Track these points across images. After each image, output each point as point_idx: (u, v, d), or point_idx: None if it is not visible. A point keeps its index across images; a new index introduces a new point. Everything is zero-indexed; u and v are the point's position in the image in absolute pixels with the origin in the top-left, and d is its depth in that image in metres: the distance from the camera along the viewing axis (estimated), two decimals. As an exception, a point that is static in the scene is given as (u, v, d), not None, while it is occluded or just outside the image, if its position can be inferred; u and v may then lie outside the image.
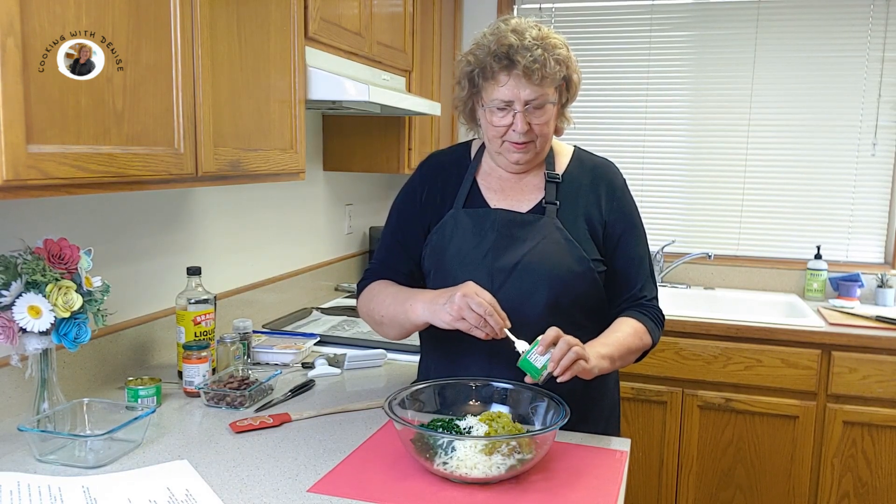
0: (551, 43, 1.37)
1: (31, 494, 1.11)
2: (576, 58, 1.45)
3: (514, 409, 1.34)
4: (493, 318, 1.27)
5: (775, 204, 3.07)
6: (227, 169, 1.51)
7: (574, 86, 1.46)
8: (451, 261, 1.45)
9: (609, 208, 1.47)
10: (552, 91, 1.39)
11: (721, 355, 2.51)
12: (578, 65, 1.46)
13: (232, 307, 2.13)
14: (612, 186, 1.50)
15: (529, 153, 1.43)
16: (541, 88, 1.36)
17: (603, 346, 1.35)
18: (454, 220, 1.48)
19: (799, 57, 2.97)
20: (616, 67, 3.18)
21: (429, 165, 1.58)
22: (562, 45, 1.39)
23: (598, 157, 1.57)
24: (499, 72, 1.36)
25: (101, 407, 1.40)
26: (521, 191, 1.48)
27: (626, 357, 1.42)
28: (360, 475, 1.21)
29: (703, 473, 2.59)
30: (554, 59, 1.35)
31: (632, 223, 1.50)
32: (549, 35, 1.39)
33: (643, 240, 1.52)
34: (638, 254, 1.50)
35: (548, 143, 1.47)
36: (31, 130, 1.04)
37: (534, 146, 1.43)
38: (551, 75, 1.36)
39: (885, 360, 2.39)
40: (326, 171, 2.74)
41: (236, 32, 1.53)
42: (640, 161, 3.20)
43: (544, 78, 1.35)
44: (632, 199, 1.53)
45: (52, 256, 1.29)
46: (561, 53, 1.37)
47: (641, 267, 1.50)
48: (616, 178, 1.52)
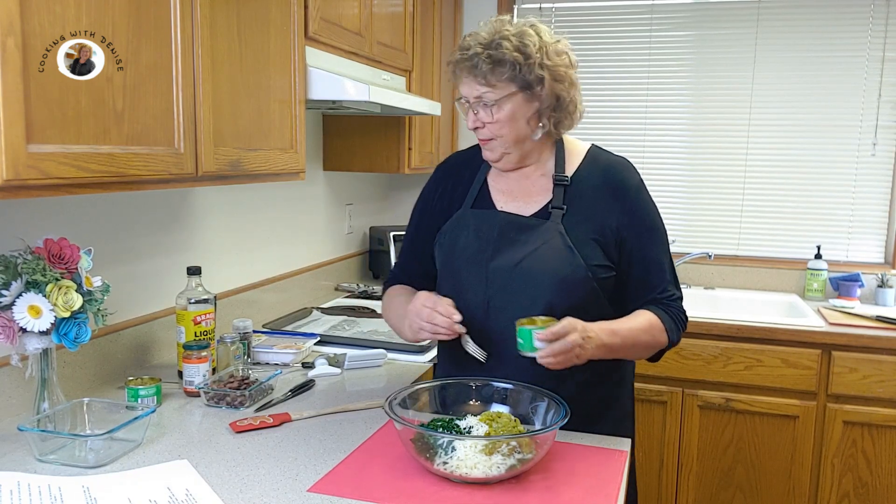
0: (508, 43, 1.34)
1: (31, 494, 1.11)
2: (567, 62, 1.38)
3: (514, 409, 1.34)
4: (439, 319, 1.32)
5: (775, 204, 3.07)
6: (228, 169, 1.51)
7: (549, 88, 1.37)
8: (456, 261, 1.46)
9: (622, 210, 1.42)
10: (508, 89, 1.36)
11: (721, 355, 2.51)
12: (571, 70, 1.39)
13: (232, 307, 2.13)
14: (624, 187, 1.44)
15: (495, 152, 1.44)
16: (487, 86, 1.36)
17: (609, 335, 1.33)
18: (461, 220, 1.49)
19: (799, 57, 2.97)
20: (616, 67, 3.18)
21: (444, 167, 1.61)
22: (524, 45, 1.34)
23: (613, 157, 1.51)
24: (456, 70, 1.41)
25: (101, 407, 1.40)
26: (528, 192, 1.47)
27: (632, 351, 1.40)
28: (360, 475, 1.21)
29: (703, 473, 2.59)
30: (499, 57, 1.33)
31: (648, 225, 1.44)
32: (510, 34, 1.35)
33: (662, 241, 1.46)
34: (656, 257, 1.44)
35: (518, 144, 1.42)
36: (31, 130, 1.04)
37: (498, 145, 1.42)
38: (498, 72, 1.35)
39: (885, 360, 2.39)
40: (326, 171, 2.74)
41: (236, 32, 1.53)
42: (641, 161, 3.20)
43: (489, 74, 1.35)
44: (648, 199, 1.46)
45: (52, 256, 1.29)
46: (512, 55, 1.33)
47: (661, 270, 1.45)
48: (630, 178, 1.46)
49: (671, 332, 1.42)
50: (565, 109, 1.42)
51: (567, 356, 1.25)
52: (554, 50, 1.37)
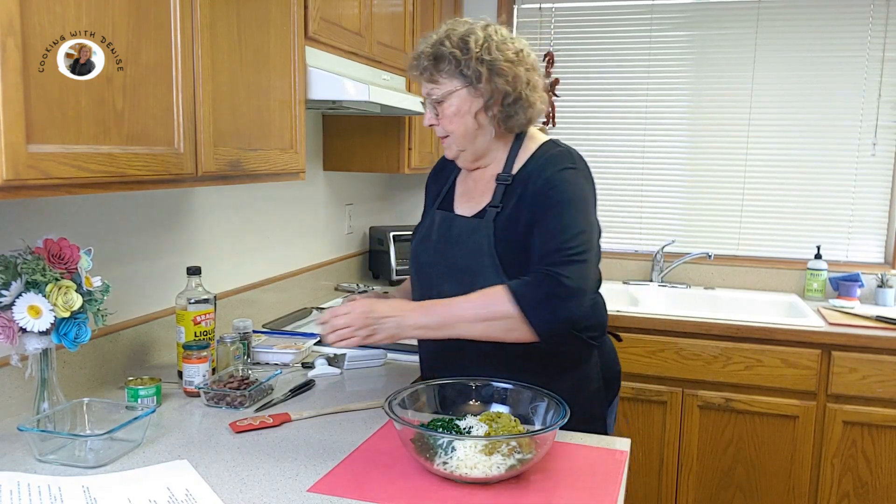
0: (449, 41, 1.39)
1: (31, 494, 1.11)
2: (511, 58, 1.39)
3: (514, 409, 1.34)
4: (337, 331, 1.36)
5: (775, 204, 3.07)
6: (227, 169, 1.51)
7: (491, 82, 1.38)
8: (412, 260, 1.58)
9: (534, 198, 1.38)
10: (452, 84, 1.41)
11: (721, 355, 2.51)
12: (519, 67, 1.40)
13: (232, 307, 2.13)
14: (545, 175, 1.39)
15: (451, 150, 1.49)
16: (432, 82, 1.43)
17: (424, 315, 1.34)
18: (423, 221, 1.59)
19: (799, 57, 2.97)
20: (616, 67, 3.18)
21: (434, 169, 1.69)
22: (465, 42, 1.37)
23: (556, 149, 1.45)
24: (409, 72, 1.49)
25: (101, 407, 1.40)
26: (479, 192, 1.50)
27: (468, 326, 1.32)
28: (360, 475, 1.21)
29: (703, 473, 2.59)
30: (439, 54, 1.39)
31: (552, 202, 1.36)
32: (455, 33, 1.39)
33: (566, 214, 1.35)
34: (550, 227, 1.35)
35: (468, 140, 1.45)
36: (31, 130, 1.04)
37: (452, 141, 1.47)
38: (440, 68, 1.40)
39: (885, 360, 2.39)
40: (326, 171, 2.74)
41: (236, 32, 1.53)
42: (641, 161, 3.20)
43: (433, 71, 1.42)
44: (567, 178, 1.38)
45: (52, 256, 1.29)
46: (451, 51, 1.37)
47: (551, 238, 1.33)
48: (557, 165, 1.40)
49: (521, 297, 1.29)
50: (514, 105, 1.42)
51: (342, 332, 1.34)
52: (497, 46, 1.39)
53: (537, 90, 1.44)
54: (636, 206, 3.24)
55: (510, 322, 1.30)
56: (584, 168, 1.45)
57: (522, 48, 1.43)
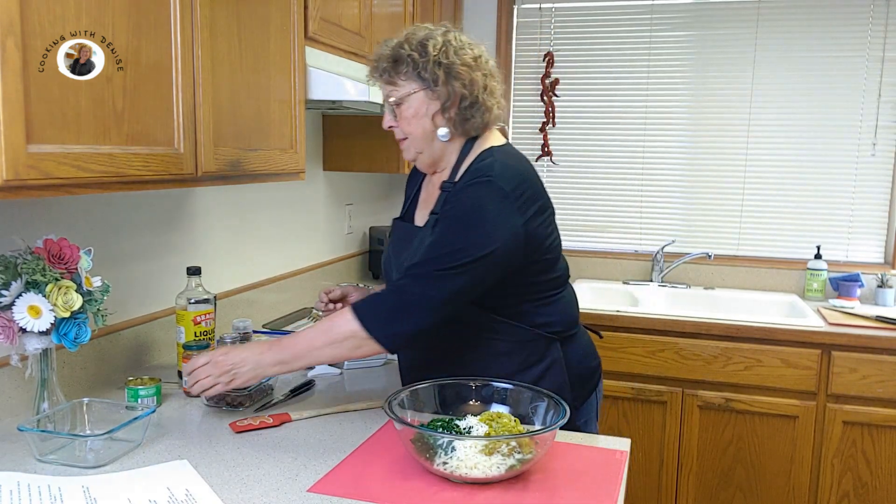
0: (408, 45, 1.41)
1: (31, 494, 1.11)
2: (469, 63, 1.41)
3: (514, 409, 1.34)
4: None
5: (775, 204, 3.07)
6: (227, 169, 1.51)
7: (448, 85, 1.40)
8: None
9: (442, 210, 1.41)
10: (410, 86, 1.43)
11: (721, 355, 2.51)
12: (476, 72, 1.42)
13: (232, 307, 2.14)
14: (458, 187, 1.41)
15: (409, 152, 1.51)
16: (390, 84, 1.45)
17: (278, 351, 1.38)
18: (390, 229, 1.65)
19: (799, 57, 2.97)
20: (616, 67, 3.18)
21: (409, 175, 1.74)
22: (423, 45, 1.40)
23: (484, 160, 1.43)
24: (370, 76, 1.50)
25: (101, 407, 1.40)
26: (433, 199, 1.52)
27: (322, 351, 1.36)
28: (360, 475, 1.21)
29: (703, 473, 2.59)
30: (397, 56, 1.42)
31: (443, 216, 1.38)
32: (415, 38, 1.42)
33: (448, 229, 1.36)
34: (431, 240, 1.37)
35: (426, 142, 1.47)
36: (31, 130, 1.04)
37: (410, 144, 1.49)
38: (398, 70, 1.43)
39: (885, 360, 2.39)
40: (326, 171, 2.74)
41: (236, 32, 1.53)
42: (640, 161, 3.20)
43: (392, 73, 1.44)
44: (469, 193, 1.37)
45: (52, 256, 1.29)
46: (409, 53, 1.40)
47: (426, 250, 1.36)
48: (471, 177, 1.40)
49: (363, 314, 1.33)
50: (471, 109, 1.44)
51: (204, 382, 1.38)
52: (455, 51, 1.42)
53: (494, 95, 1.48)
54: (636, 206, 3.24)
55: (356, 339, 1.34)
56: (508, 177, 1.38)
57: (481, 54, 1.46)
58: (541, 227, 1.42)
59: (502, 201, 1.36)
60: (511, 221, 1.36)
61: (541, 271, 1.46)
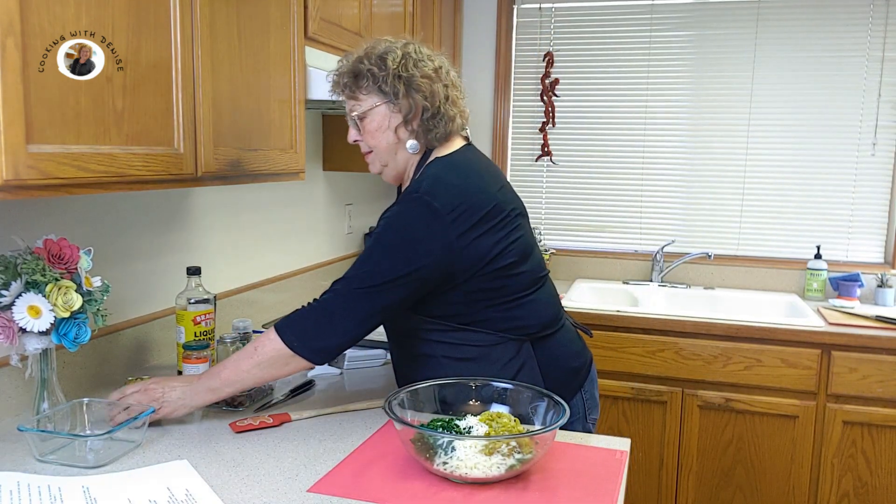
0: (367, 60, 1.43)
1: (31, 494, 1.11)
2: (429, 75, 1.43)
3: (514, 409, 1.34)
4: None
5: (775, 204, 3.07)
6: (227, 169, 1.51)
7: (409, 98, 1.42)
8: None
9: None
10: (371, 100, 1.44)
11: (721, 355, 2.52)
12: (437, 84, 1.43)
13: (232, 307, 2.14)
14: (392, 205, 1.43)
15: (374, 165, 1.52)
16: (353, 99, 1.47)
17: (207, 379, 1.40)
18: None
19: (799, 57, 2.97)
20: (616, 67, 3.18)
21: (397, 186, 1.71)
22: (383, 59, 1.41)
23: (424, 175, 1.44)
24: (332, 91, 1.51)
25: (101, 407, 1.40)
26: None
27: (252, 374, 1.38)
28: (360, 475, 1.21)
29: (703, 473, 2.59)
30: (357, 71, 1.43)
31: (375, 233, 1.41)
32: (375, 52, 1.43)
33: (373, 245, 1.38)
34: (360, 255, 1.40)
35: (391, 154, 1.48)
36: (31, 130, 1.04)
37: (375, 157, 1.50)
38: (360, 84, 1.44)
39: (885, 360, 2.40)
40: (326, 171, 2.74)
41: (236, 32, 1.53)
42: (640, 161, 3.21)
43: (353, 87, 1.45)
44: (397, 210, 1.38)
45: (52, 256, 1.29)
46: (368, 67, 1.42)
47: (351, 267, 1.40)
48: (404, 196, 1.41)
49: (285, 333, 1.36)
50: (433, 119, 1.46)
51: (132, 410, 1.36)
52: (415, 63, 1.43)
53: (457, 105, 1.49)
54: (636, 206, 3.24)
55: (282, 357, 1.37)
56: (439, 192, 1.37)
57: (441, 65, 1.48)
58: (485, 236, 1.39)
59: (430, 218, 1.35)
60: (440, 237, 1.35)
61: (499, 276, 1.42)
